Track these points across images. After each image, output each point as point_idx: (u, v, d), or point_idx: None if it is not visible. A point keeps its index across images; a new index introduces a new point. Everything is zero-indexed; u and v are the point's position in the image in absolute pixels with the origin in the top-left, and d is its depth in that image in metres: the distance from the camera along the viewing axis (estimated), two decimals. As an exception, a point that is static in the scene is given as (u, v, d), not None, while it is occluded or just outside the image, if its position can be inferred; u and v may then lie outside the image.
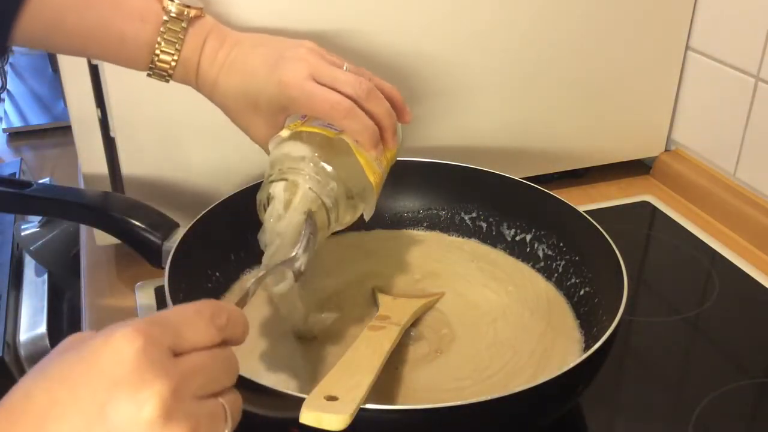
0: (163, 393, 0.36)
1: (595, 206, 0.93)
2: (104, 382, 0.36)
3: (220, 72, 0.62)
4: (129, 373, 0.36)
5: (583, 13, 0.89)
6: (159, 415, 0.36)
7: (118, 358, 0.36)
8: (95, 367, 0.36)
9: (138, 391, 0.36)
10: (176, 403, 0.36)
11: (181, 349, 0.39)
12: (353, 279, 0.75)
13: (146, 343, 0.36)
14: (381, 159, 0.62)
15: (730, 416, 0.66)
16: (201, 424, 0.38)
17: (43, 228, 1.14)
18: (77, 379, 0.36)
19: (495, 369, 0.64)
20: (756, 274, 0.83)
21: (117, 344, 0.36)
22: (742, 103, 0.89)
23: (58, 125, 2.13)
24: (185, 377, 0.38)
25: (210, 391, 0.40)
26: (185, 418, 0.37)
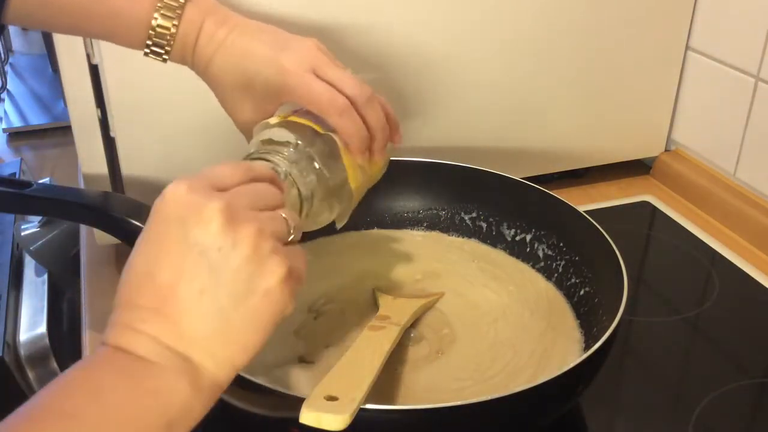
0: (220, 206, 0.43)
1: (595, 206, 0.93)
2: (174, 224, 0.43)
3: (218, 50, 0.61)
4: (187, 206, 0.43)
5: (582, 13, 0.89)
6: (225, 222, 0.42)
7: (174, 202, 0.43)
8: (163, 218, 0.43)
9: (200, 213, 0.43)
10: (234, 213, 0.43)
11: (221, 186, 0.45)
12: (353, 279, 0.75)
13: (189, 184, 0.44)
14: (365, 168, 0.61)
15: (730, 416, 0.66)
16: (265, 225, 0.44)
17: (43, 228, 1.14)
18: (156, 232, 0.44)
19: (496, 369, 0.64)
20: (756, 274, 0.83)
21: (168, 195, 0.44)
22: (742, 103, 0.89)
23: (58, 125, 2.14)
24: (233, 196, 0.44)
25: (261, 205, 0.46)
26: (249, 221, 0.43)
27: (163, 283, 0.42)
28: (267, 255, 0.44)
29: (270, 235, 0.44)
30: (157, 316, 0.42)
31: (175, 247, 0.43)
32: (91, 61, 0.74)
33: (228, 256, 0.42)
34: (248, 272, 0.43)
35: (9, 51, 2.60)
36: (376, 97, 0.61)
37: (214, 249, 0.42)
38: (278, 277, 0.44)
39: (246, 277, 0.43)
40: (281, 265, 0.44)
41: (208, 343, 0.42)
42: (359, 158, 0.60)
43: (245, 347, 0.43)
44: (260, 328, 0.44)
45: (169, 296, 0.42)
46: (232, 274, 0.42)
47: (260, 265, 0.43)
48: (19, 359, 1.00)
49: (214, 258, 0.42)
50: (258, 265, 0.43)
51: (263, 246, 0.44)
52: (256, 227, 0.43)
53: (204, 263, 0.42)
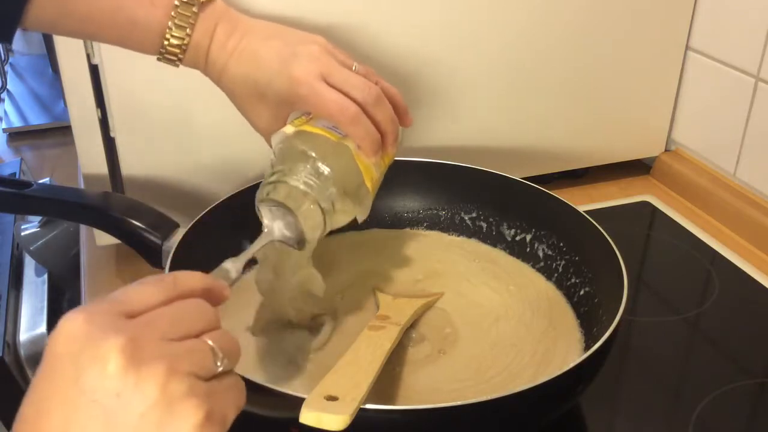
0: (120, 343, 0.36)
1: (595, 206, 0.93)
2: (66, 362, 0.37)
3: (230, 58, 0.63)
4: (83, 343, 0.37)
5: (582, 13, 0.89)
6: (125, 363, 0.36)
7: (69, 337, 0.37)
8: (56, 357, 0.37)
9: (96, 352, 0.36)
10: (139, 349, 0.37)
11: (133, 311, 0.39)
12: (353, 279, 0.75)
13: (89, 315, 0.37)
14: (380, 164, 0.63)
15: (730, 416, 0.66)
16: (180, 361, 0.38)
17: (43, 228, 1.14)
18: (46, 374, 0.37)
19: (498, 369, 0.64)
20: (756, 274, 0.83)
21: (64, 328, 0.37)
22: (742, 103, 0.89)
23: (58, 125, 2.13)
24: (142, 327, 0.38)
25: (181, 333, 0.39)
26: (156, 359, 0.37)
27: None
28: (179, 398, 0.37)
29: (185, 373, 0.38)
30: None
31: (65, 391, 0.36)
32: (91, 61, 0.74)
33: (128, 402, 0.36)
34: (155, 421, 0.36)
35: (9, 51, 2.60)
36: (383, 95, 0.62)
37: (111, 394, 0.36)
38: (192, 425, 0.37)
39: (153, 427, 0.36)
40: (198, 410, 0.37)
41: None
42: (373, 159, 0.62)
43: None
44: None
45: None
46: (135, 424, 0.36)
47: (170, 412, 0.37)
48: (19, 359, 1.00)
49: (110, 405, 0.36)
50: (167, 411, 0.37)
51: (174, 387, 0.37)
52: (166, 365, 0.37)
53: (98, 412, 0.36)
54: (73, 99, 0.76)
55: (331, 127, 0.61)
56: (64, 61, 0.74)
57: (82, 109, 0.76)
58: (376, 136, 0.61)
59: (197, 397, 0.38)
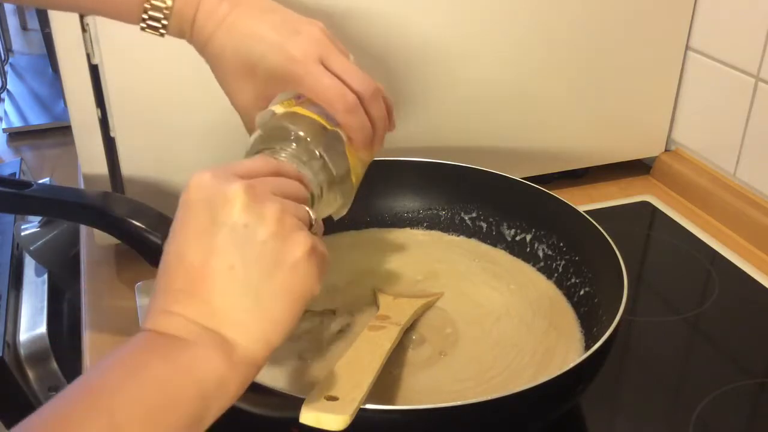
0: (242, 186, 0.44)
1: (595, 206, 0.93)
2: (200, 207, 0.44)
3: (218, 28, 0.59)
4: (211, 189, 0.44)
5: (582, 13, 0.89)
6: (249, 199, 0.44)
7: (198, 187, 0.45)
8: (189, 204, 0.45)
9: (225, 194, 0.44)
10: (256, 194, 0.45)
11: (245, 175, 0.46)
12: (353, 279, 0.75)
13: (212, 171, 0.45)
14: (364, 161, 0.61)
15: (730, 416, 0.66)
16: (287, 207, 0.46)
17: (43, 228, 1.14)
18: (185, 221, 0.45)
19: (498, 369, 0.64)
20: (756, 274, 0.83)
21: (192, 183, 0.45)
22: (742, 103, 0.89)
23: (58, 125, 2.14)
24: (257, 181, 0.46)
25: (282, 193, 0.47)
26: (271, 201, 0.45)
27: (193, 264, 0.44)
28: (291, 230, 0.45)
29: (293, 214, 0.46)
30: (189, 296, 0.43)
31: (202, 229, 0.44)
32: (91, 61, 0.74)
33: (254, 231, 0.44)
34: (275, 246, 0.44)
35: (9, 51, 2.60)
36: (380, 90, 0.60)
37: (240, 225, 0.44)
38: (304, 250, 0.45)
39: (273, 251, 0.44)
40: (307, 239, 0.45)
41: (239, 318, 0.43)
42: (361, 153, 0.60)
43: (277, 322, 0.45)
44: (290, 302, 0.45)
45: (200, 276, 0.43)
46: (259, 248, 0.44)
47: (286, 240, 0.44)
48: (19, 359, 1.00)
49: (240, 234, 0.44)
50: (284, 239, 0.44)
51: (287, 222, 0.45)
52: (280, 205, 0.45)
53: (231, 240, 0.43)
54: (73, 99, 0.76)
55: (323, 115, 0.58)
56: (64, 61, 0.74)
57: (82, 109, 0.76)
58: (369, 129, 0.59)
59: (304, 231, 0.46)
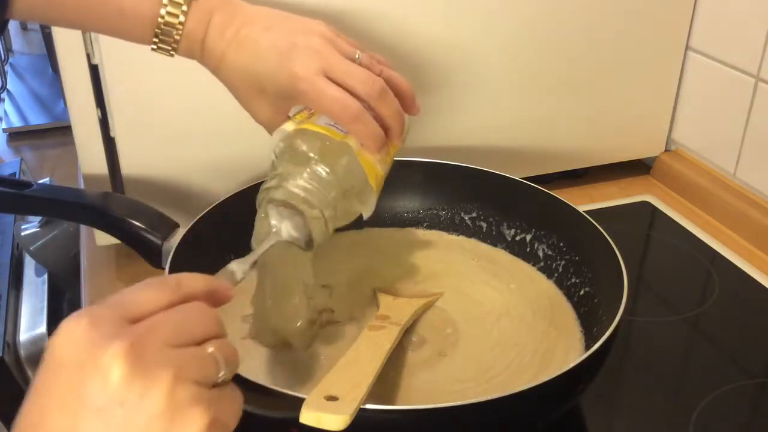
0: (124, 350, 0.36)
1: (595, 206, 0.93)
2: (68, 370, 0.36)
3: (228, 48, 0.61)
4: (85, 351, 0.36)
5: (582, 13, 0.89)
6: (129, 371, 0.36)
7: (69, 342, 0.36)
8: (56, 362, 0.36)
9: (98, 360, 0.36)
10: (143, 356, 0.36)
11: (136, 316, 0.38)
12: (353, 279, 0.75)
13: (92, 319, 0.37)
14: (384, 159, 0.61)
15: (730, 416, 0.66)
16: (185, 368, 0.37)
17: (43, 228, 1.14)
18: (48, 380, 0.37)
19: (499, 369, 0.64)
20: (756, 274, 0.83)
21: (65, 332, 0.37)
22: (742, 103, 0.89)
23: (58, 125, 2.14)
24: (145, 332, 0.37)
25: (184, 340, 0.39)
26: (161, 366, 0.36)
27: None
28: (185, 405, 0.37)
29: (190, 380, 0.37)
30: None
31: (67, 400, 0.36)
32: (91, 61, 0.74)
33: (133, 411, 0.36)
34: (161, 429, 0.36)
35: (9, 51, 2.60)
36: (388, 88, 0.60)
37: (116, 404, 0.36)
38: (198, 429, 0.37)
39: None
40: (203, 418, 0.37)
41: None
42: (377, 155, 0.60)
43: None
44: None
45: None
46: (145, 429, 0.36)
47: (175, 420, 0.36)
48: (19, 359, 1.00)
49: (114, 415, 0.35)
50: (172, 419, 0.36)
51: (180, 395, 0.37)
52: (172, 372, 0.37)
53: (102, 421, 0.35)
54: (73, 99, 0.76)
55: (333, 125, 0.59)
56: (64, 61, 0.74)
57: (82, 109, 0.76)
58: (379, 133, 0.59)
59: (202, 405, 0.37)
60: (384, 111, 0.60)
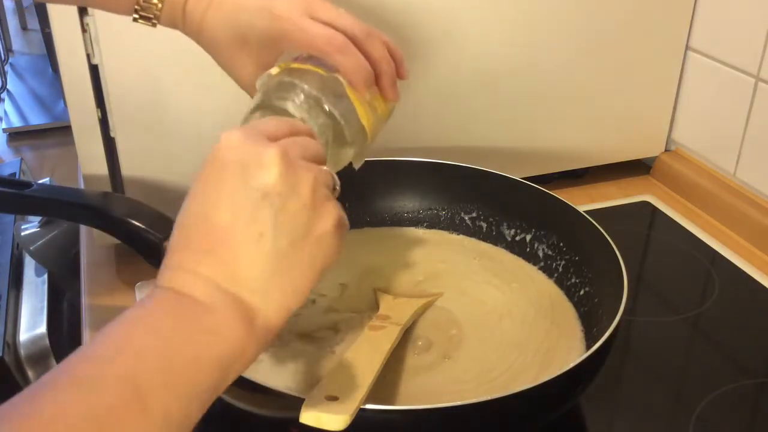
0: (279, 152, 0.43)
1: (595, 206, 0.93)
2: (234, 168, 0.43)
3: (207, 9, 0.59)
4: (246, 152, 0.44)
5: (582, 13, 0.89)
6: (285, 168, 0.43)
7: (231, 148, 0.44)
8: (221, 163, 0.44)
9: (260, 160, 0.43)
10: (291, 162, 0.44)
11: (272, 137, 0.46)
12: (354, 277, 0.75)
13: (243, 132, 0.45)
14: (375, 106, 0.60)
15: (730, 416, 0.66)
16: (319, 176, 0.46)
17: (43, 228, 1.14)
18: (215, 178, 0.44)
19: (501, 370, 0.64)
20: (756, 274, 0.83)
21: (224, 142, 0.44)
22: (742, 103, 0.89)
23: (58, 125, 2.14)
24: (286, 145, 0.45)
25: (309, 156, 0.47)
26: (305, 170, 0.45)
27: (219, 225, 0.43)
28: (322, 201, 0.45)
29: (323, 184, 0.46)
30: (212, 258, 0.43)
31: (234, 191, 0.43)
32: (91, 61, 0.74)
33: (288, 200, 0.43)
34: (306, 217, 0.44)
35: (9, 51, 2.60)
36: (376, 33, 0.59)
37: (275, 193, 0.43)
38: (333, 223, 0.45)
39: (304, 222, 0.44)
40: (336, 211, 0.46)
41: (262, 285, 0.43)
42: (366, 94, 0.58)
43: (297, 291, 0.44)
44: (313, 271, 0.45)
45: (226, 239, 0.43)
46: (292, 218, 0.44)
47: (317, 211, 0.45)
48: (19, 359, 1.00)
49: (274, 203, 0.43)
50: (315, 210, 0.44)
51: (319, 193, 0.45)
52: (312, 175, 0.45)
53: (264, 208, 0.43)
54: (73, 99, 0.76)
55: (320, 64, 0.57)
56: (64, 61, 0.74)
57: (82, 109, 0.76)
58: (368, 68, 0.58)
59: (333, 202, 0.46)
60: (373, 53, 0.59)
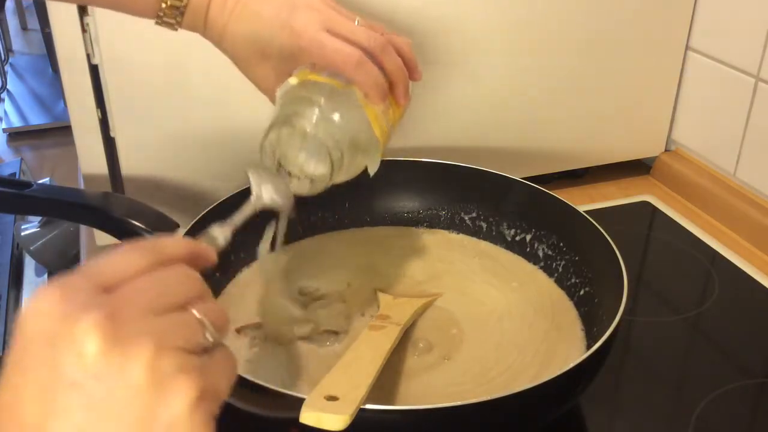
0: (99, 320, 0.33)
1: (595, 206, 0.93)
2: (40, 345, 0.33)
3: (229, 19, 0.61)
4: (57, 324, 0.33)
5: (582, 13, 0.89)
6: (104, 345, 0.33)
7: (41, 315, 0.34)
8: (27, 338, 0.34)
9: (71, 334, 0.33)
10: (120, 326, 0.33)
11: (112, 283, 0.35)
12: (354, 278, 0.75)
13: (64, 290, 0.34)
14: (388, 114, 0.61)
15: (730, 416, 0.66)
16: (168, 335, 0.35)
17: (43, 228, 1.15)
18: (20, 357, 0.34)
19: (500, 370, 0.64)
20: (756, 274, 0.83)
21: (35, 305, 0.34)
22: (742, 103, 0.89)
23: (58, 125, 2.14)
24: (122, 300, 0.34)
25: (165, 306, 0.36)
26: (141, 335, 0.34)
27: (27, 424, 0.33)
28: (170, 376, 0.34)
29: (173, 348, 0.34)
30: None
31: (42, 376, 0.33)
32: (91, 61, 0.74)
33: (112, 385, 0.33)
34: (144, 403, 0.33)
35: (9, 51, 2.60)
36: (390, 44, 0.60)
37: (92, 378, 0.33)
38: (186, 404, 0.34)
39: (141, 409, 0.33)
40: (190, 388, 0.34)
41: None
42: (381, 106, 0.60)
43: None
44: None
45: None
46: (121, 408, 0.33)
47: (160, 393, 0.33)
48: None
49: (92, 390, 0.33)
50: (157, 392, 0.33)
51: (163, 365, 0.34)
52: (153, 342, 0.34)
53: (79, 397, 0.33)
54: (73, 99, 0.76)
55: (336, 77, 0.59)
56: (64, 61, 0.74)
57: (82, 109, 0.76)
58: (382, 81, 0.59)
59: (189, 374, 0.34)
60: (387, 65, 0.60)
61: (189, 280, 0.38)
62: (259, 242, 0.61)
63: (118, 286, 0.35)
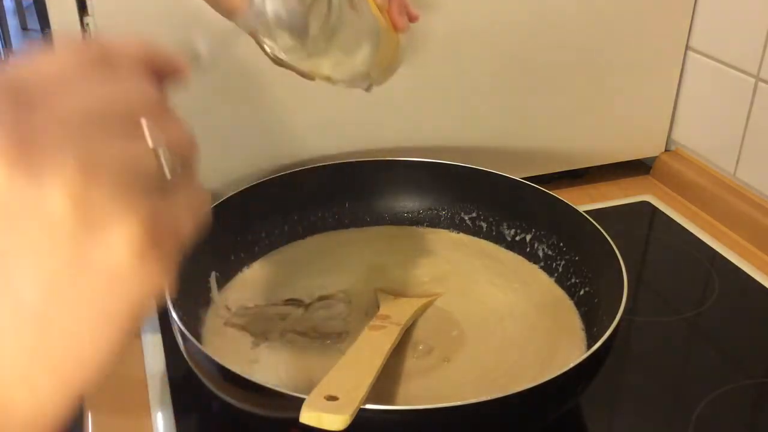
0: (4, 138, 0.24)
1: (595, 206, 0.93)
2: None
3: None
4: None
5: (582, 13, 0.89)
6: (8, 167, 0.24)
7: None
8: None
9: None
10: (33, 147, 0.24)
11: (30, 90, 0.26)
12: (354, 277, 0.75)
13: None
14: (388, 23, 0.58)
15: (730, 416, 0.66)
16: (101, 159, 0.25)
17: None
18: None
19: (502, 370, 0.64)
20: (756, 274, 0.83)
21: None
22: (742, 103, 0.89)
23: (58, 125, 2.13)
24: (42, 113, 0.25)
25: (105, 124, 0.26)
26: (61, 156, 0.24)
27: None
28: (103, 209, 0.25)
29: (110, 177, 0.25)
30: None
31: None
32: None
33: (26, 224, 0.24)
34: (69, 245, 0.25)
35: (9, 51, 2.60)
36: None
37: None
38: (128, 247, 0.25)
39: (67, 252, 0.25)
40: (133, 225, 0.25)
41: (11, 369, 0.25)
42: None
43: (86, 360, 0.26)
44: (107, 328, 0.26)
45: None
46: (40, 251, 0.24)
47: (91, 229, 0.25)
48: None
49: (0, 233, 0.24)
50: (87, 228, 0.25)
51: (93, 195, 0.25)
52: (78, 165, 0.24)
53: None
54: (74, 99, 0.76)
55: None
56: (65, 61, 0.74)
57: (83, 109, 0.76)
58: None
59: (130, 208, 0.25)
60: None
61: (140, 91, 0.28)
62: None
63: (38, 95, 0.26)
